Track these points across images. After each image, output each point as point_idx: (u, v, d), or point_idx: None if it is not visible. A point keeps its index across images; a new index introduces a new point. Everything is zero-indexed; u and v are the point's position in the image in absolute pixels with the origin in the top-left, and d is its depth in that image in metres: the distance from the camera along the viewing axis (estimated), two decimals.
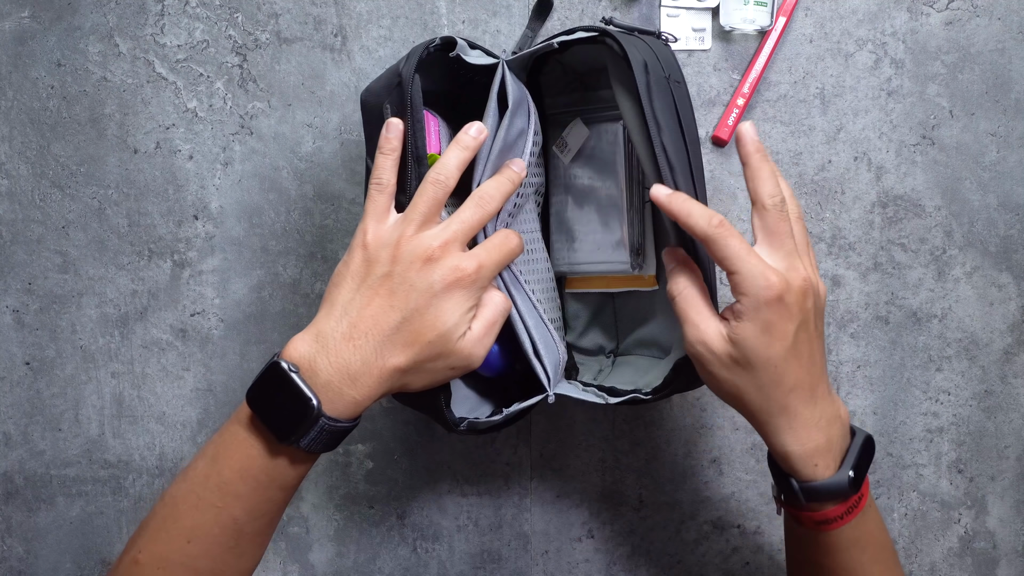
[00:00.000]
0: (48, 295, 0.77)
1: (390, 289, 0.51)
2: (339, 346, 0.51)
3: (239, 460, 0.51)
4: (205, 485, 0.51)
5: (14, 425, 0.78)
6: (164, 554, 0.51)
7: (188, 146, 0.76)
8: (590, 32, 0.57)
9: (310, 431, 0.50)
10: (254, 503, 0.52)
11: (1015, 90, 0.73)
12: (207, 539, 0.51)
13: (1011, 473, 0.76)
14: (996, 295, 0.75)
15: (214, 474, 0.51)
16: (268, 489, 0.52)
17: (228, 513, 0.51)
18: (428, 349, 0.51)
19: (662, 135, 0.54)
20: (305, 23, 0.75)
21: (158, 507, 0.53)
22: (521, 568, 0.78)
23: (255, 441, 0.51)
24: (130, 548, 0.53)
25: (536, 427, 0.77)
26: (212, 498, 0.51)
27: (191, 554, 0.51)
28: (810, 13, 0.73)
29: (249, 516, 0.52)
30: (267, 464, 0.51)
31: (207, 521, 0.51)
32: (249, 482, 0.51)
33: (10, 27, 0.76)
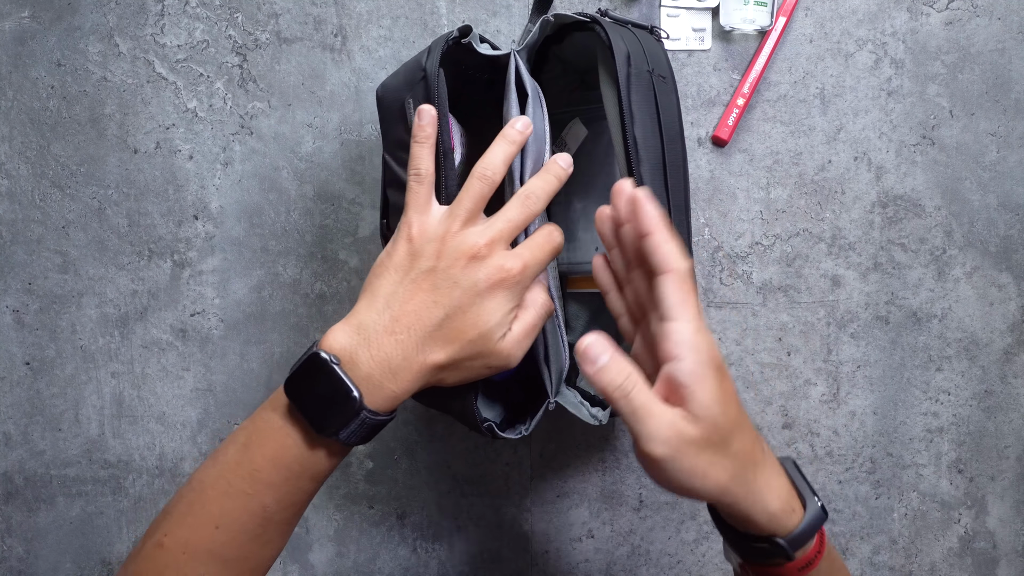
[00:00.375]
0: (48, 295, 0.77)
1: (434, 284, 0.50)
2: (381, 339, 0.50)
3: (272, 449, 0.50)
4: (236, 472, 0.50)
5: (14, 425, 0.78)
6: (190, 539, 0.50)
7: (188, 146, 0.76)
8: (583, 17, 0.58)
9: (350, 423, 0.49)
10: (284, 492, 0.51)
11: (1015, 90, 0.73)
12: (235, 526, 0.50)
13: (1011, 473, 0.76)
14: (996, 295, 0.75)
15: (246, 461, 0.50)
16: (300, 479, 0.51)
17: (258, 501, 0.50)
18: (469, 347, 0.51)
19: (634, 127, 0.54)
20: (305, 23, 0.75)
21: (185, 491, 0.52)
22: (521, 568, 0.78)
23: (291, 431, 0.50)
24: (154, 531, 0.51)
25: (536, 427, 0.77)
26: (243, 485, 0.50)
27: (218, 540, 0.50)
28: (810, 13, 0.73)
29: (279, 505, 0.51)
30: (302, 454, 0.50)
31: (236, 508, 0.50)
32: (282, 471, 0.50)
33: (10, 27, 0.76)
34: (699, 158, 0.74)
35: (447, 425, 0.77)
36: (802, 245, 0.75)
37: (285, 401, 0.50)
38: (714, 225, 0.75)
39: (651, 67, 0.57)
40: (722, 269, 0.75)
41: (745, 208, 0.74)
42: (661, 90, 0.57)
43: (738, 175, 0.74)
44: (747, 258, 0.75)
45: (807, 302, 0.75)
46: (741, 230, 0.75)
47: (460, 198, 0.52)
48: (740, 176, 0.74)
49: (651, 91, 0.56)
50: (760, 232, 0.75)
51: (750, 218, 0.74)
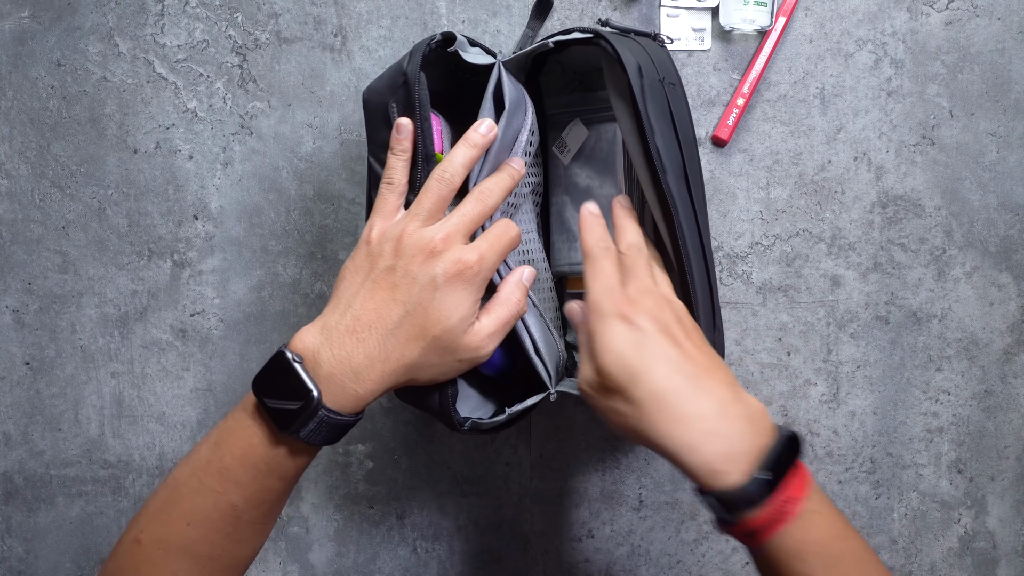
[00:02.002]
0: (48, 295, 0.77)
1: (393, 283, 0.51)
2: (343, 339, 0.51)
3: (241, 447, 0.51)
4: (206, 470, 0.51)
5: (14, 425, 0.78)
6: (164, 536, 0.51)
7: (188, 146, 0.76)
8: (585, 33, 0.57)
9: (309, 422, 0.50)
10: (253, 491, 0.52)
11: (1015, 90, 0.73)
12: (206, 524, 0.51)
13: (1011, 473, 0.76)
14: (996, 295, 0.75)
15: (216, 459, 0.51)
16: (267, 478, 0.52)
17: (226, 499, 0.51)
18: (434, 344, 0.51)
19: (655, 138, 0.55)
20: (305, 23, 0.75)
21: (160, 489, 0.53)
22: (521, 568, 0.78)
23: (257, 429, 0.51)
24: (132, 528, 0.53)
25: (536, 427, 0.77)
26: (212, 483, 0.51)
27: (190, 537, 0.51)
28: (810, 13, 0.73)
29: (247, 504, 0.52)
30: (267, 453, 0.51)
31: (206, 506, 0.51)
32: (249, 470, 0.51)
33: (10, 27, 0.76)
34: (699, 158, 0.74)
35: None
36: (802, 245, 0.75)
37: (254, 400, 0.51)
38: (714, 225, 0.75)
39: (661, 76, 0.57)
40: (722, 269, 0.75)
41: (745, 208, 0.74)
42: (673, 97, 0.58)
43: (738, 175, 0.74)
44: (747, 258, 0.75)
45: (807, 302, 0.75)
46: (741, 230, 0.75)
47: (419, 199, 0.53)
48: (740, 176, 0.74)
49: (665, 100, 0.57)
50: (760, 232, 0.75)
51: (750, 218, 0.74)
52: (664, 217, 0.56)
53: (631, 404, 0.48)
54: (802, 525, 0.46)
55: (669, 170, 0.55)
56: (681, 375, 0.48)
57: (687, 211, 0.56)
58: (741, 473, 0.45)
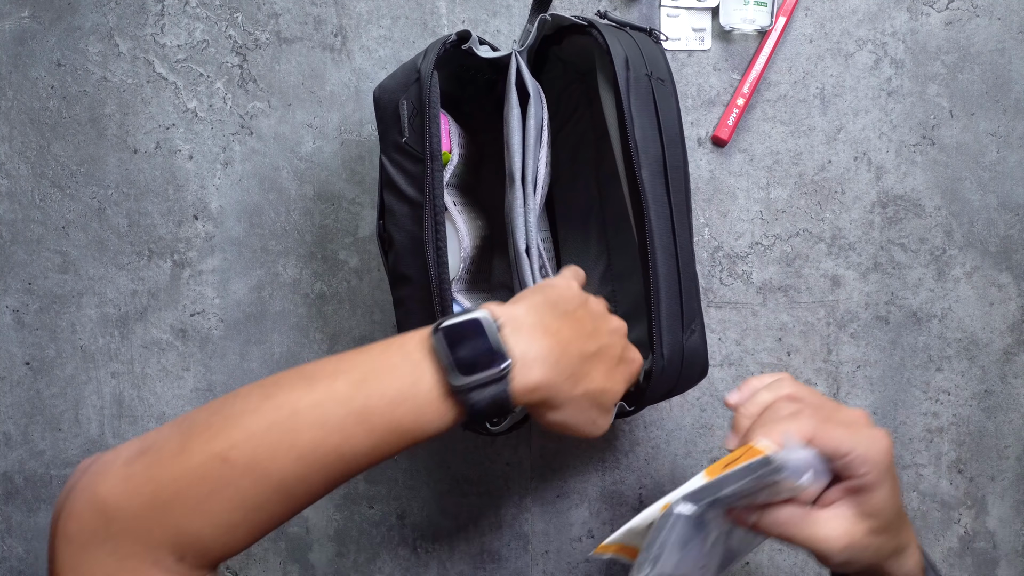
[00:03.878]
0: (48, 295, 0.77)
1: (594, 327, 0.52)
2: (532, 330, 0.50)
3: (393, 394, 0.47)
4: (343, 406, 0.46)
5: (14, 425, 0.78)
6: (263, 464, 0.45)
7: (188, 146, 0.76)
8: (580, 20, 0.58)
9: (486, 388, 0.47)
10: (380, 443, 0.47)
11: (1015, 90, 0.73)
12: (316, 464, 0.46)
13: (1011, 473, 0.76)
14: (996, 295, 0.75)
15: (359, 397, 0.46)
16: (402, 435, 0.48)
17: (350, 444, 0.46)
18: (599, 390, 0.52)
19: (634, 131, 0.55)
20: (305, 23, 0.75)
21: (266, 408, 0.46)
22: (521, 568, 0.78)
23: (420, 380, 0.48)
24: (214, 440, 0.45)
25: (536, 427, 0.77)
26: (345, 422, 0.46)
27: (294, 475, 0.46)
28: (810, 13, 0.73)
29: (367, 457, 0.48)
30: (419, 410, 0.48)
31: (326, 445, 0.46)
32: (391, 422, 0.47)
33: (10, 27, 0.76)
34: (699, 158, 0.74)
35: None
36: (802, 245, 0.75)
37: (424, 349, 0.48)
38: (714, 225, 0.75)
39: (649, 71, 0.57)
40: (722, 269, 0.75)
41: (745, 208, 0.74)
42: (660, 93, 0.58)
43: (738, 175, 0.74)
44: (747, 258, 0.75)
45: (807, 302, 0.75)
46: (741, 230, 0.75)
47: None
48: (740, 176, 0.74)
49: (650, 95, 0.57)
50: (760, 232, 0.75)
51: (750, 218, 0.74)
52: (634, 211, 0.56)
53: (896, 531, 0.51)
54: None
55: (645, 164, 0.55)
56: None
57: (660, 208, 0.56)
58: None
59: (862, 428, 0.50)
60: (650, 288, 0.55)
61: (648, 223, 0.55)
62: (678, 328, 0.57)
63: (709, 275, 0.75)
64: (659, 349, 0.56)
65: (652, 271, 0.55)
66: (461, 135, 0.65)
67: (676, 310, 0.57)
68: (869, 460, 0.48)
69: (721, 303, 0.75)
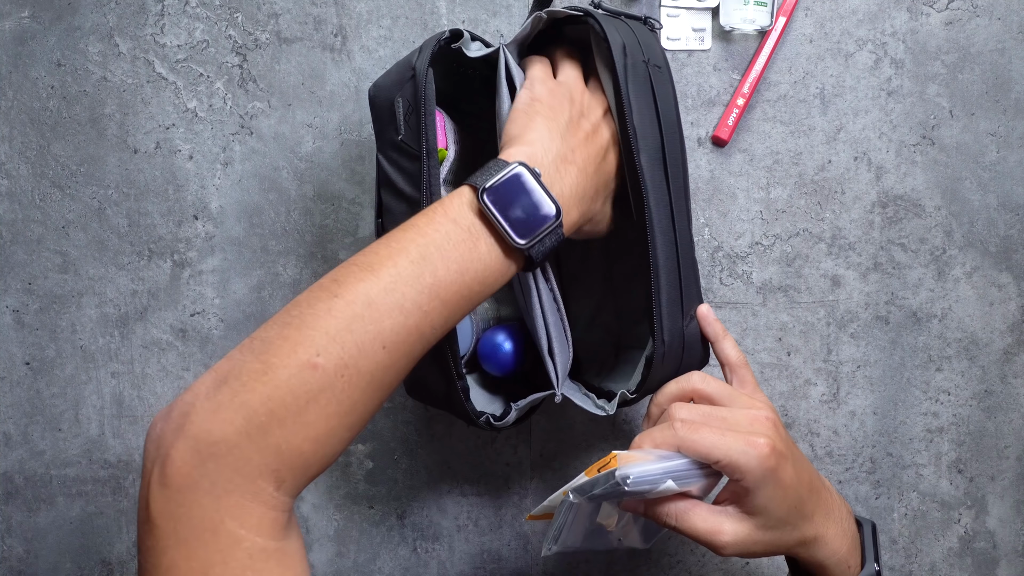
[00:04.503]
0: (48, 295, 0.77)
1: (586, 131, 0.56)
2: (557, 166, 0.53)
3: (458, 262, 0.47)
4: (413, 285, 0.46)
5: (14, 425, 0.78)
6: (353, 361, 0.44)
7: (188, 146, 0.76)
8: (575, 12, 0.58)
9: (545, 239, 0.50)
10: (451, 312, 0.48)
11: (1015, 90, 0.73)
12: (402, 347, 0.46)
13: (1011, 473, 0.76)
14: (996, 295, 0.75)
15: (426, 273, 0.46)
16: (469, 300, 0.49)
17: (429, 320, 0.46)
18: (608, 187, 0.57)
19: (633, 116, 0.55)
20: (305, 23, 0.75)
21: (341, 307, 0.44)
22: (521, 568, 0.78)
23: (479, 244, 0.48)
24: (296, 350, 0.43)
25: (536, 427, 0.77)
26: (420, 299, 0.46)
27: (382, 363, 0.45)
28: (810, 13, 0.73)
29: (441, 329, 0.48)
30: (484, 272, 0.48)
31: (408, 326, 0.46)
32: (461, 289, 0.47)
33: (10, 27, 0.76)
34: (699, 158, 0.74)
35: (447, 425, 0.77)
36: (802, 245, 0.75)
37: (471, 216, 0.48)
38: (714, 225, 0.75)
39: (647, 57, 0.57)
40: (722, 269, 0.75)
41: (745, 208, 0.74)
42: (657, 80, 0.58)
43: (738, 175, 0.74)
44: (747, 258, 0.75)
45: (807, 302, 0.75)
46: (741, 230, 0.75)
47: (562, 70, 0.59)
48: (740, 176, 0.74)
49: (648, 81, 0.57)
50: (760, 232, 0.75)
51: (750, 218, 0.74)
52: (634, 196, 0.56)
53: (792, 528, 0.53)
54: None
55: (643, 150, 0.55)
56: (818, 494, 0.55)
57: (659, 193, 0.56)
58: (857, 565, 0.55)
59: (739, 435, 0.50)
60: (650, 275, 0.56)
61: (647, 209, 0.55)
62: (678, 315, 0.57)
63: (709, 275, 0.75)
64: (659, 336, 0.56)
65: (652, 258, 0.55)
66: (457, 132, 0.65)
67: (676, 297, 0.57)
68: (740, 467, 0.50)
69: (721, 303, 0.75)
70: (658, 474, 0.49)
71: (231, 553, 0.41)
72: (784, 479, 0.50)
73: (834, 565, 0.54)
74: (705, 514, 0.51)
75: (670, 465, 0.50)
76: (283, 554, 0.43)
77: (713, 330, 0.60)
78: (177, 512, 0.41)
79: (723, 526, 0.51)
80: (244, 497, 0.41)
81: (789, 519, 0.52)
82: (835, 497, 0.56)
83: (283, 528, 0.43)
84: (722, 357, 0.59)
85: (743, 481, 0.50)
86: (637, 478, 0.48)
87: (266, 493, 0.42)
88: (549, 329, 0.59)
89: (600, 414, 0.60)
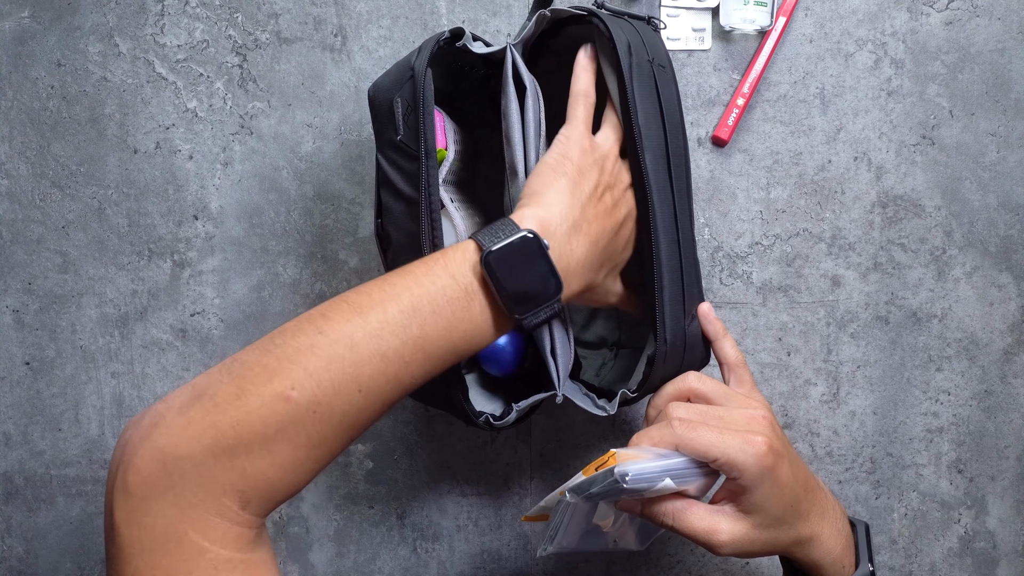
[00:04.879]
0: (48, 295, 0.77)
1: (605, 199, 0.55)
2: (569, 236, 0.52)
3: (447, 320, 0.47)
4: (399, 335, 0.46)
5: (14, 425, 0.78)
6: (327, 399, 0.44)
7: (188, 146, 0.76)
8: (580, 11, 0.58)
9: (540, 310, 0.50)
10: (433, 367, 0.48)
11: (1015, 90, 0.73)
12: (379, 393, 0.46)
13: (1011, 473, 0.76)
14: (996, 295, 0.75)
15: (413, 325, 0.46)
16: (454, 357, 0.49)
17: (409, 371, 0.47)
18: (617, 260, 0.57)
19: (638, 116, 0.55)
20: (305, 23, 0.75)
21: (324, 345, 0.45)
22: (521, 568, 0.78)
23: (473, 304, 0.48)
24: (273, 380, 0.43)
25: (536, 427, 0.77)
26: (403, 351, 0.46)
27: (357, 405, 0.45)
28: (810, 13, 0.73)
29: (419, 380, 0.48)
30: (471, 332, 0.48)
31: (387, 374, 0.46)
32: (446, 345, 0.48)
33: (10, 27, 0.76)
34: (699, 158, 0.74)
35: (447, 425, 0.77)
36: (802, 245, 0.75)
37: (471, 276, 0.48)
38: (714, 225, 0.75)
39: (651, 56, 0.57)
40: (722, 269, 0.75)
41: (745, 208, 0.74)
42: (661, 79, 0.58)
43: (738, 175, 0.74)
44: (747, 258, 0.75)
45: (807, 302, 0.75)
46: (741, 230, 0.75)
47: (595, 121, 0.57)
48: (740, 176, 0.74)
49: (652, 80, 0.57)
50: (760, 232, 0.75)
51: (750, 218, 0.74)
52: (637, 197, 0.56)
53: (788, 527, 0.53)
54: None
55: (648, 150, 0.55)
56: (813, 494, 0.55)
57: (663, 193, 0.56)
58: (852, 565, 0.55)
59: (736, 433, 0.51)
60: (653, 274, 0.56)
61: (652, 208, 0.55)
62: (680, 314, 0.57)
63: (709, 275, 0.75)
64: (662, 335, 0.56)
65: (656, 257, 0.55)
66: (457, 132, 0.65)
67: (678, 296, 0.57)
68: (738, 465, 0.50)
69: (721, 303, 0.75)
70: (656, 472, 0.49)
71: (195, 563, 0.41)
72: (781, 477, 0.51)
73: (829, 565, 0.54)
74: (702, 513, 0.51)
75: (668, 463, 0.50)
76: (250, 565, 0.43)
77: (713, 328, 0.60)
78: (141, 520, 0.41)
79: (720, 525, 0.51)
80: (208, 512, 0.42)
81: (785, 518, 0.52)
82: (829, 497, 0.56)
83: (250, 542, 0.43)
84: (720, 356, 0.59)
85: (740, 479, 0.50)
86: (636, 475, 0.48)
87: (231, 511, 0.42)
88: (553, 329, 0.59)
89: (600, 414, 0.60)
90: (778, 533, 0.52)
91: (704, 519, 0.51)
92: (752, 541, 0.52)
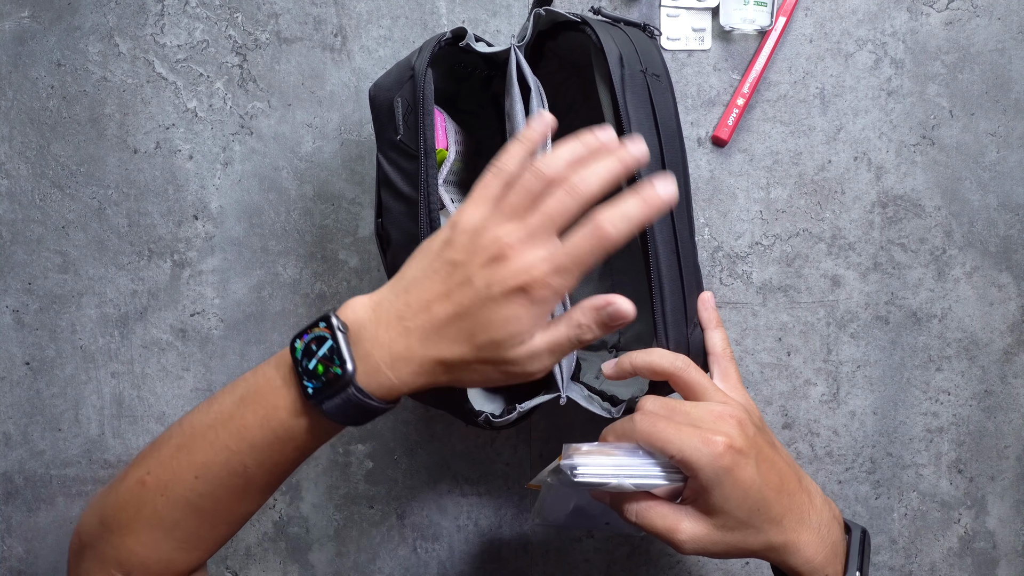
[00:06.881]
0: (48, 295, 0.77)
1: (450, 279, 0.46)
2: (391, 323, 0.47)
3: (264, 409, 0.49)
4: (226, 426, 0.49)
5: (14, 425, 0.78)
6: (171, 484, 0.50)
7: (188, 146, 0.76)
8: (573, 17, 0.58)
9: (335, 396, 0.47)
10: (267, 456, 0.49)
11: (1015, 90, 0.73)
12: (214, 480, 0.50)
13: (1011, 473, 0.76)
14: (996, 295, 0.75)
15: (237, 416, 0.49)
16: (284, 445, 0.49)
17: (240, 459, 0.49)
18: (477, 352, 0.46)
19: (631, 127, 0.55)
20: (305, 23, 0.75)
21: (176, 432, 0.51)
22: (521, 568, 0.78)
23: (285, 393, 0.48)
24: (139, 466, 0.51)
25: (536, 427, 0.77)
26: (229, 440, 0.49)
27: (197, 491, 0.50)
28: (810, 13, 0.73)
29: (260, 468, 0.50)
30: (289, 421, 0.49)
31: (218, 462, 0.49)
32: (268, 435, 0.49)
33: (10, 27, 0.76)
34: (699, 158, 0.74)
35: (447, 425, 0.77)
36: (802, 245, 0.75)
37: (288, 362, 0.49)
38: (714, 225, 0.75)
39: (644, 66, 0.57)
40: (722, 269, 0.75)
41: (745, 208, 0.74)
42: (656, 89, 0.58)
43: (738, 175, 0.74)
44: (747, 258, 0.75)
45: (807, 302, 0.75)
46: (741, 230, 0.75)
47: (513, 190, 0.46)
48: (740, 176, 0.74)
49: (646, 91, 0.57)
50: (760, 232, 0.75)
51: (750, 218, 0.75)
52: None
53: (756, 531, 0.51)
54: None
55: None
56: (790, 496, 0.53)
57: None
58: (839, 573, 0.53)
59: (695, 431, 0.49)
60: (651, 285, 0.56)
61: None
62: (682, 323, 0.57)
63: (709, 275, 0.75)
64: (664, 346, 0.56)
65: (654, 267, 0.55)
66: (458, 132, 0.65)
67: (679, 305, 0.57)
68: (692, 464, 0.48)
69: (721, 303, 0.75)
70: (610, 467, 0.49)
71: None
72: (742, 479, 0.49)
73: (808, 573, 0.52)
74: (664, 511, 0.50)
75: (626, 460, 0.50)
76: None
77: (707, 316, 0.59)
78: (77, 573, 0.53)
79: (680, 524, 0.50)
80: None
81: (751, 521, 0.50)
82: (815, 502, 0.53)
83: None
84: (708, 346, 0.59)
85: (696, 478, 0.49)
86: (585, 470, 0.48)
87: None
88: None
89: (606, 416, 0.60)
90: (744, 536, 0.50)
91: (666, 517, 0.50)
92: (715, 543, 0.50)
